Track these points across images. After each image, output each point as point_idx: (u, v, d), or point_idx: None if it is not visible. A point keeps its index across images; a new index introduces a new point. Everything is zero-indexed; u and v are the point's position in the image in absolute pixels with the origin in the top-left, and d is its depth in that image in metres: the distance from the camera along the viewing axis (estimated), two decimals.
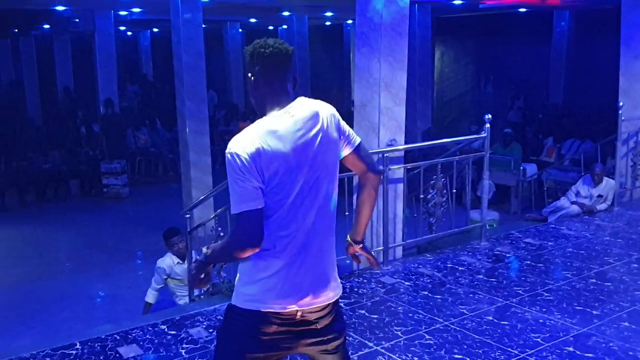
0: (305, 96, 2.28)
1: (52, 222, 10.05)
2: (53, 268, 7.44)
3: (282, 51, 2.19)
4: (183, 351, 3.72)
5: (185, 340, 3.85)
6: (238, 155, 2.05)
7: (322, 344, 2.23)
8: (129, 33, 20.67)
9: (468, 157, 5.81)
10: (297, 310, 2.13)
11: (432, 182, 5.54)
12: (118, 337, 3.89)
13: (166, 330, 4.00)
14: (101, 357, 3.65)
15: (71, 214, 10.69)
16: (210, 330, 3.99)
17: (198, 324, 4.09)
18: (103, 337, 3.91)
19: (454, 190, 5.73)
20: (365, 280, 4.92)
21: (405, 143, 5.41)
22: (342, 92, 18.65)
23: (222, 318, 2.29)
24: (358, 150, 2.36)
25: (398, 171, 5.20)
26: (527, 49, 14.62)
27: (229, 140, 2.20)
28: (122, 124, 13.23)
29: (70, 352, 3.73)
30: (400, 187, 5.27)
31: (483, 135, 5.63)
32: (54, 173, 11.55)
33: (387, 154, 5.02)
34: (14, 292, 6.42)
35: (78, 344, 3.82)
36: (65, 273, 7.27)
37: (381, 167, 5.05)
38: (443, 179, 5.58)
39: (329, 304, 2.22)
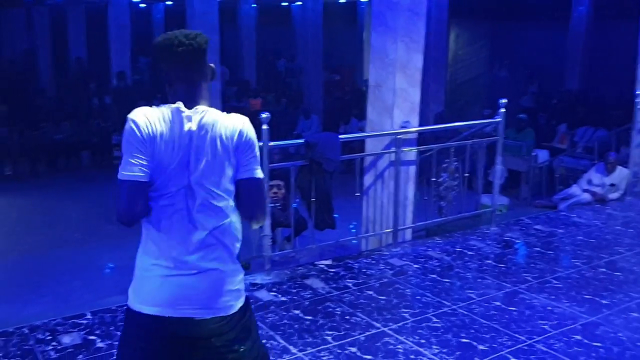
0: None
1: (62, 192, 10.11)
2: (63, 238, 7.49)
3: (194, 46, 2.00)
4: None
5: None
6: None
7: None
8: (143, 5, 20.53)
9: (481, 141, 5.77)
10: None
11: (444, 165, 5.53)
12: None
13: None
14: (111, 328, 3.70)
15: (81, 184, 10.74)
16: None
17: None
18: (113, 307, 3.94)
19: (466, 175, 5.71)
20: (373, 262, 4.94)
21: (419, 126, 5.39)
22: (354, 71, 18.55)
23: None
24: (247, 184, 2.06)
25: (410, 154, 5.19)
26: (543, 33, 14.43)
27: None
28: (133, 97, 13.22)
29: (81, 321, 3.78)
30: (412, 169, 5.25)
31: (497, 119, 5.59)
32: (65, 143, 11.59)
33: (400, 136, 5.00)
34: (25, 260, 6.48)
35: (89, 314, 3.86)
36: (75, 243, 7.32)
37: (393, 149, 5.04)
38: (455, 163, 5.56)
39: None
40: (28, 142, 11.32)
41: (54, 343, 3.50)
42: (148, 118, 2.00)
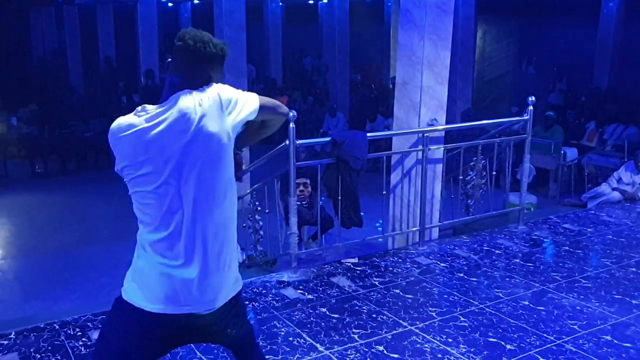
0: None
1: (91, 190, 10.27)
2: (92, 235, 7.61)
3: (224, 52, 2.13)
4: None
5: None
6: None
7: None
8: (170, 4, 20.75)
9: (509, 139, 5.71)
10: None
11: (472, 163, 5.48)
12: None
13: None
14: None
15: (110, 183, 10.81)
16: (247, 302, 4.05)
17: None
18: None
19: (494, 173, 5.66)
20: (400, 260, 4.92)
21: (446, 123, 5.36)
22: (381, 69, 18.48)
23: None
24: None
25: (438, 151, 5.15)
26: (572, 30, 14.20)
27: None
28: (161, 95, 13.37)
29: None
30: (439, 167, 5.22)
31: (525, 117, 5.52)
32: (94, 142, 11.75)
33: (428, 134, 4.97)
34: (55, 257, 6.60)
35: None
36: (103, 240, 7.43)
37: (420, 147, 5.01)
38: (483, 161, 5.51)
39: None
40: (58, 140, 11.52)
41: (84, 339, 3.56)
42: None
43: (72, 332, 3.64)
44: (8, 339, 3.56)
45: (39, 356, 3.36)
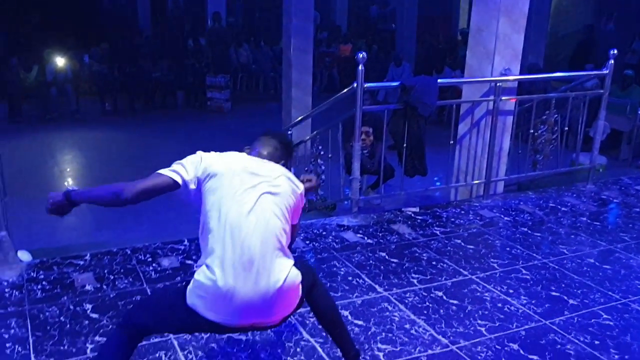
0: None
1: (158, 130, 10.52)
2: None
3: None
4: None
5: None
6: None
7: None
8: None
9: (585, 94, 5.49)
10: None
11: (543, 117, 5.31)
12: None
13: None
14: None
15: (176, 123, 11.13)
16: (307, 242, 4.12)
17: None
18: None
19: (566, 129, 5.48)
20: (462, 212, 4.88)
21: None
22: (449, 19, 17.90)
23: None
24: None
25: (508, 103, 5.01)
26: None
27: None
28: (227, 39, 13.41)
29: (179, 247, 3.99)
30: (510, 120, 5.09)
31: (605, 72, 5.28)
32: (162, 82, 11.97)
33: (500, 84, 4.83)
34: None
35: (186, 240, 4.07)
36: None
37: (491, 97, 4.88)
38: (556, 116, 5.33)
39: None
40: (127, 79, 11.78)
41: (154, 264, 3.72)
42: None
43: (142, 258, 3.81)
44: (83, 260, 3.76)
45: (112, 277, 3.54)
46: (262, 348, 2.84)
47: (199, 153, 2.21)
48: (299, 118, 6.45)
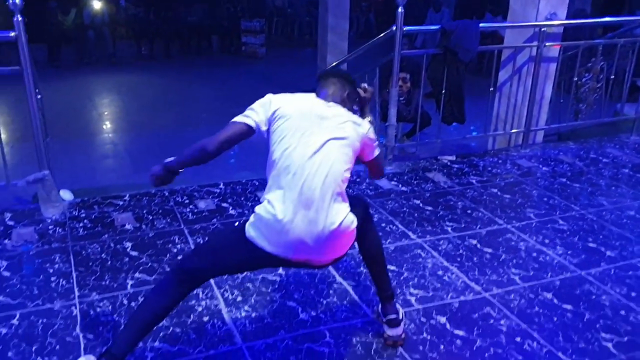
0: None
1: (193, 74, 10.55)
2: (193, 117, 7.88)
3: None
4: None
5: None
6: None
7: None
8: None
9: (635, 40, 5.26)
10: None
11: (589, 64, 5.13)
12: (257, 183, 4.13)
13: None
14: (242, 198, 3.93)
15: (211, 68, 11.13)
16: None
17: None
18: (243, 181, 4.17)
19: (612, 77, 5.29)
20: (500, 161, 4.81)
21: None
22: None
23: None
24: None
25: (553, 50, 4.85)
26: None
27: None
28: None
29: (215, 190, 4.04)
30: (553, 67, 4.93)
31: None
32: (197, 26, 11.92)
33: (545, 29, 4.66)
34: (161, 134, 6.91)
35: (222, 184, 4.12)
36: (204, 122, 7.68)
37: (535, 43, 4.73)
38: (602, 63, 5.15)
39: None
40: (163, 23, 11.76)
41: (191, 206, 3.79)
42: None
43: (180, 200, 3.88)
44: (123, 200, 3.84)
45: (150, 217, 3.62)
46: (295, 289, 2.89)
47: (269, 95, 2.25)
48: (334, 63, 6.37)
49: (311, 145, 2.11)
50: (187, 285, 2.19)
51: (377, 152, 2.37)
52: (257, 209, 2.12)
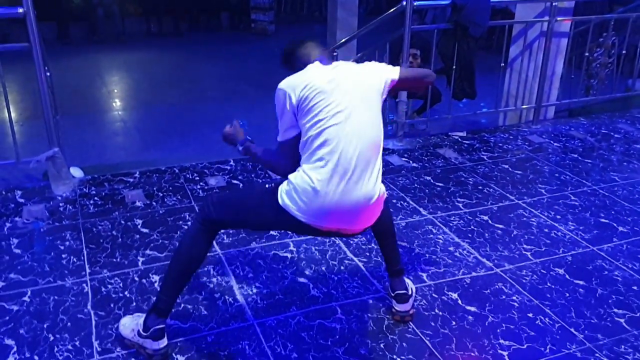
0: None
1: (202, 51, 10.50)
2: (203, 94, 7.87)
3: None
4: None
5: None
6: None
7: None
8: None
9: None
10: None
11: (600, 39, 5.06)
12: None
13: None
14: (252, 175, 3.93)
15: (220, 45, 11.07)
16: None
17: None
18: None
19: (624, 52, 5.22)
20: (511, 137, 4.78)
21: None
22: None
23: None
24: None
25: (564, 25, 4.78)
26: None
27: None
28: None
29: (225, 167, 4.05)
30: (564, 42, 4.87)
31: None
32: (206, 3, 11.83)
33: (556, 4, 4.59)
34: (171, 112, 6.92)
35: (232, 161, 4.12)
36: (213, 100, 7.67)
37: (546, 17, 4.66)
38: (613, 38, 5.07)
39: None
40: (172, 0, 11.68)
41: (201, 183, 3.79)
42: None
43: (190, 177, 3.88)
44: (133, 177, 3.86)
45: (161, 194, 3.63)
46: (307, 265, 2.90)
47: (278, 92, 2.17)
48: (344, 39, 6.30)
49: (340, 115, 2.08)
50: (215, 230, 2.25)
51: (396, 73, 2.29)
52: (292, 177, 2.12)
